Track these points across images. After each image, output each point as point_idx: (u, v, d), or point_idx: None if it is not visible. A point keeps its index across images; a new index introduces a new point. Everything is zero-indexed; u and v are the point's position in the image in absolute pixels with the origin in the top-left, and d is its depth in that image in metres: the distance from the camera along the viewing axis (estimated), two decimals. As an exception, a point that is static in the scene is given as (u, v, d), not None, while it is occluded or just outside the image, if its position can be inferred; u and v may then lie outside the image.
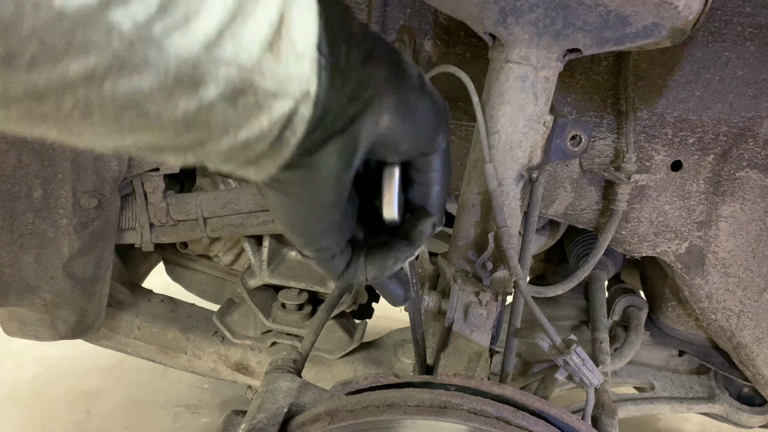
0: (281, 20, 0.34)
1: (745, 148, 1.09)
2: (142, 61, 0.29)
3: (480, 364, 0.89)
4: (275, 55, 0.34)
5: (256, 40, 0.33)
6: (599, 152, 1.14)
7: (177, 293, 1.62)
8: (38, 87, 0.28)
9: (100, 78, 0.29)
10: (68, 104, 0.29)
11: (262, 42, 0.33)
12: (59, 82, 0.28)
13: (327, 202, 0.45)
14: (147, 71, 0.30)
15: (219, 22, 0.31)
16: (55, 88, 0.28)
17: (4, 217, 1.16)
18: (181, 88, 0.31)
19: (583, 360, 0.81)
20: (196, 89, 0.32)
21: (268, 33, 0.33)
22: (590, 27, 0.78)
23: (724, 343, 1.26)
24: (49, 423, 1.97)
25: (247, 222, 1.32)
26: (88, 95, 0.29)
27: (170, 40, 0.29)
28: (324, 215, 0.46)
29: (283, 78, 0.35)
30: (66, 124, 0.30)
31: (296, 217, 0.46)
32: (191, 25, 0.30)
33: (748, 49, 1.03)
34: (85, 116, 0.30)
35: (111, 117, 0.31)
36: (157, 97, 0.31)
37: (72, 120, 0.30)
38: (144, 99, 0.31)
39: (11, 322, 1.36)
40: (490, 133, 0.90)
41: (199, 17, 0.30)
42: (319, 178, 0.42)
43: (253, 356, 1.48)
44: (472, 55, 1.14)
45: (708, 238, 1.16)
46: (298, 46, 0.35)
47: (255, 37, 0.33)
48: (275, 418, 0.67)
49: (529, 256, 1.06)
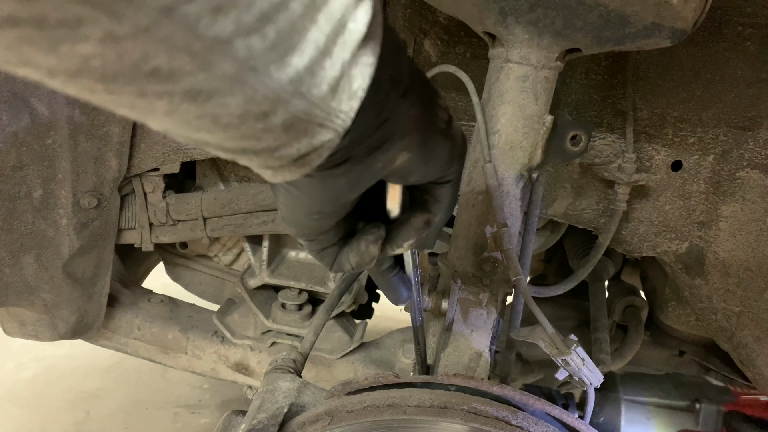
0: (350, 62, 0.36)
1: (745, 148, 1.09)
2: (239, 84, 0.31)
3: (480, 364, 0.89)
4: (333, 90, 0.36)
5: (328, 79, 0.35)
6: (599, 152, 1.14)
7: (177, 293, 1.62)
8: (145, 90, 0.30)
9: (199, 92, 0.31)
10: (161, 105, 0.31)
11: (331, 81, 0.35)
12: (163, 90, 0.30)
13: (326, 211, 0.47)
14: (239, 94, 0.32)
15: (309, 59, 0.33)
16: (157, 93, 0.30)
17: (4, 217, 1.16)
18: (258, 111, 0.34)
19: (583, 360, 0.80)
20: (269, 114, 0.34)
21: (338, 72, 0.35)
22: (590, 27, 0.78)
23: (724, 343, 1.26)
24: (49, 423, 1.97)
25: (247, 222, 1.32)
26: (181, 102, 0.31)
27: (267, 69, 0.32)
28: (319, 221, 0.48)
29: (333, 112, 0.37)
30: (149, 114, 0.33)
31: (294, 214, 0.48)
32: (287, 60, 0.32)
33: (748, 49, 1.03)
34: (168, 114, 0.32)
35: (189, 119, 0.33)
36: (234, 114, 0.33)
37: (155, 113, 0.32)
38: (223, 114, 0.33)
39: (11, 322, 1.36)
40: (490, 133, 0.90)
41: (294, 53, 0.32)
42: (324, 192, 0.44)
43: (253, 356, 1.47)
44: (472, 55, 1.14)
45: (708, 238, 1.16)
46: (354, 86, 0.37)
47: (329, 76, 0.35)
48: (275, 418, 0.67)
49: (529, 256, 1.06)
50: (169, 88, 0.30)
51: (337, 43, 0.34)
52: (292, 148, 0.38)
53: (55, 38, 0.26)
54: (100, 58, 0.27)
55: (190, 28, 0.28)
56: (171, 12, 0.27)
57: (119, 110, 0.33)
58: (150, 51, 0.28)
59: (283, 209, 0.48)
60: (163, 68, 0.29)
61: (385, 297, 0.64)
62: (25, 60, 0.27)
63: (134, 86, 0.29)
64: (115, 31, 0.26)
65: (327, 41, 0.33)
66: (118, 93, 0.30)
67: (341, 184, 0.43)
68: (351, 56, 0.36)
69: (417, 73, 0.45)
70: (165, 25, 0.27)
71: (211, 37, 0.28)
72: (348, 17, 0.34)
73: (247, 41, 0.30)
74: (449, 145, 0.49)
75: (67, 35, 0.26)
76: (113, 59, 0.27)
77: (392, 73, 0.41)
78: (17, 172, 1.15)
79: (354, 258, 0.52)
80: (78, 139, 1.15)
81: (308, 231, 0.50)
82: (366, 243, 0.52)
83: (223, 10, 0.28)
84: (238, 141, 0.36)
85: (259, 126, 0.35)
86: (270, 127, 0.35)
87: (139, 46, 0.27)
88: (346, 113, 0.38)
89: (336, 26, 0.34)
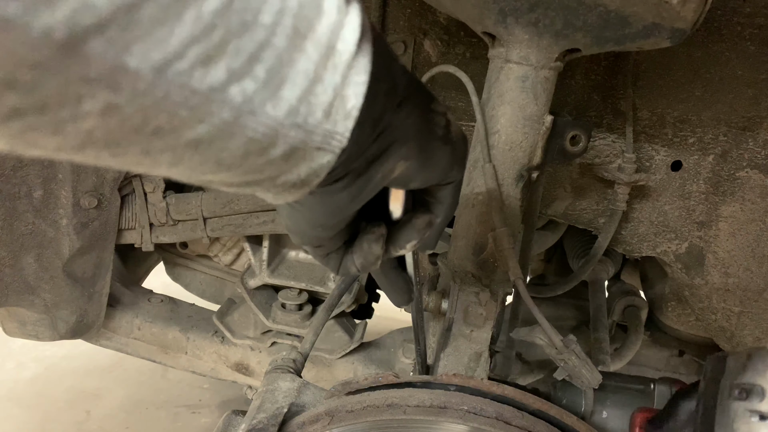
0: (342, 84, 0.36)
1: (745, 148, 1.09)
2: (239, 128, 0.32)
3: (480, 364, 0.89)
4: (327, 114, 0.36)
5: (321, 104, 0.35)
6: (599, 152, 1.14)
7: (177, 293, 1.62)
8: (149, 148, 0.30)
9: (200, 141, 0.31)
10: (165, 158, 0.32)
11: (325, 106, 0.35)
12: (166, 146, 0.31)
13: (328, 224, 0.47)
14: (239, 137, 0.32)
15: (301, 90, 0.33)
16: (160, 149, 0.31)
17: (4, 217, 1.16)
18: (258, 148, 0.34)
19: (582, 360, 0.81)
20: (268, 149, 0.34)
21: (331, 97, 0.35)
22: (590, 27, 0.78)
23: (724, 343, 1.26)
24: (49, 423, 1.97)
25: (247, 222, 1.32)
26: (183, 153, 0.32)
27: (263, 109, 0.32)
28: (323, 232, 0.48)
29: (329, 134, 0.37)
30: (154, 167, 0.33)
31: (298, 227, 0.48)
32: (279, 94, 0.32)
33: (748, 49, 1.03)
34: (172, 165, 0.33)
35: (193, 166, 0.34)
36: (236, 155, 0.34)
37: (161, 166, 0.33)
38: (226, 156, 0.33)
39: (11, 322, 1.36)
40: (490, 133, 0.90)
41: (286, 86, 0.32)
42: (326, 207, 0.45)
43: (253, 356, 1.47)
44: (472, 55, 1.14)
45: (708, 238, 1.16)
46: (348, 105, 0.37)
47: (321, 101, 0.35)
48: (275, 418, 0.67)
49: (529, 256, 1.06)
50: (171, 143, 0.30)
51: (327, 68, 0.34)
52: (292, 175, 0.38)
53: (58, 120, 0.26)
54: (102, 128, 0.27)
55: (184, 83, 0.28)
56: (163, 72, 0.27)
57: (125, 168, 0.33)
58: (150, 113, 0.28)
59: (287, 221, 0.48)
60: (164, 126, 0.29)
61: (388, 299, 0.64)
62: (32, 144, 0.27)
63: (138, 147, 0.30)
64: (114, 101, 0.26)
65: (317, 68, 0.33)
66: (122, 155, 0.30)
67: (342, 197, 0.44)
68: (342, 78, 0.35)
69: (412, 81, 0.45)
70: (160, 85, 0.27)
71: (206, 89, 0.29)
72: (335, 39, 0.34)
73: (241, 86, 0.30)
74: (449, 150, 0.49)
75: (69, 115, 0.26)
76: (116, 127, 0.28)
77: (386, 86, 0.40)
78: (17, 172, 1.15)
79: (358, 259, 0.52)
80: (78, 139, 1.15)
81: (313, 240, 0.50)
82: (368, 242, 0.52)
83: (213, 60, 0.28)
84: (241, 176, 0.37)
85: (261, 161, 0.35)
86: (271, 159, 0.35)
87: (139, 111, 0.27)
88: (342, 134, 0.37)
89: (324, 51, 0.33)
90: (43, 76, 0.24)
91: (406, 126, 0.43)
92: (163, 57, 0.26)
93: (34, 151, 0.28)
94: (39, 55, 0.23)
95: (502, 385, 0.66)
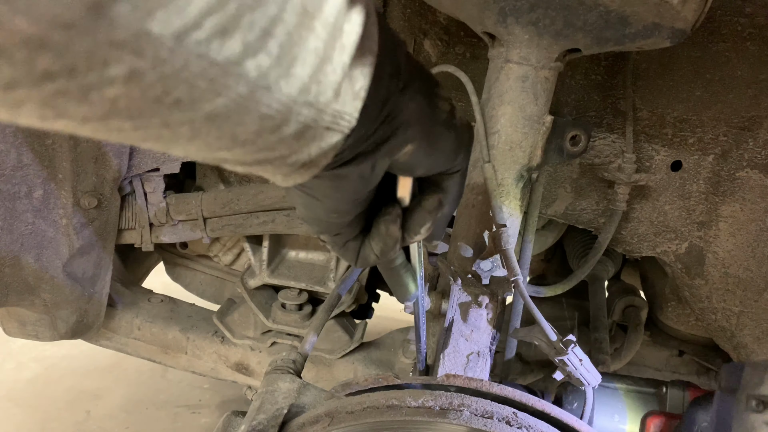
0: (350, 64, 0.36)
1: (745, 148, 1.09)
2: (255, 103, 0.33)
3: (480, 365, 0.89)
4: (337, 94, 0.37)
5: (331, 84, 0.36)
6: (599, 152, 1.14)
7: (177, 293, 1.62)
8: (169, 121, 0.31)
9: (218, 115, 0.32)
10: (184, 132, 0.32)
11: (334, 86, 0.36)
12: (186, 119, 0.31)
13: (342, 208, 0.48)
14: (254, 112, 0.33)
15: (312, 68, 0.34)
16: (180, 122, 0.32)
17: (4, 217, 1.16)
18: (272, 125, 0.35)
19: (581, 360, 0.81)
20: (281, 126, 0.35)
21: (340, 77, 0.36)
22: (590, 27, 0.78)
23: (724, 344, 1.26)
24: (49, 423, 1.97)
25: (247, 222, 1.32)
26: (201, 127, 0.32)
27: (277, 85, 0.33)
28: (338, 218, 0.49)
29: (338, 114, 0.38)
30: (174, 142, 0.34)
31: (313, 214, 0.49)
32: (292, 72, 0.33)
33: (748, 49, 1.03)
34: (190, 140, 0.33)
35: (210, 141, 0.34)
36: (250, 130, 0.34)
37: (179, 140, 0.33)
38: (241, 131, 0.34)
39: (11, 322, 1.36)
40: (489, 133, 0.90)
41: (297, 64, 0.33)
42: (337, 190, 0.45)
43: (253, 356, 1.47)
44: (472, 55, 1.14)
45: (708, 238, 1.16)
46: (356, 86, 0.38)
47: (331, 80, 0.36)
48: (275, 420, 0.67)
49: (529, 256, 1.06)
50: (190, 115, 0.31)
51: (336, 48, 0.35)
52: (302, 154, 0.39)
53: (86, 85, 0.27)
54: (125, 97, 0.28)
55: (202, 53, 0.29)
56: (182, 39, 0.28)
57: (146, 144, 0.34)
58: (170, 83, 0.29)
59: (301, 210, 0.49)
60: (183, 98, 0.30)
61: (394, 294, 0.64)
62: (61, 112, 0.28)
63: (159, 119, 0.31)
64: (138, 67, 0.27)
65: (326, 47, 0.34)
66: (144, 128, 0.31)
67: (351, 181, 0.44)
68: (350, 59, 0.36)
69: (416, 66, 0.46)
70: (180, 54, 0.28)
71: (223, 61, 0.30)
72: (342, 20, 0.35)
73: (256, 60, 0.31)
74: (453, 136, 0.49)
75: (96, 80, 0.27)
76: (138, 96, 0.29)
77: (391, 69, 0.41)
78: (17, 172, 1.15)
79: (377, 245, 0.52)
80: (78, 139, 1.15)
81: (328, 228, 0.50)
82: (386, 224, 0.52)
83: (229, 32, 0.29)
84: (254, 154, 0.37)
85: (274, 138, 0.36)
86: (283, 137, 0.36)
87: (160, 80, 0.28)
88: (351, 114, 0.38)
89: (332, 30, 0.34)
90: (74, 37, 0.25)
91: (411, 109, 0.44)
92: (182, 24, 0.27)
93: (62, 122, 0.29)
94: (71, 15, 0.24)
95: (502, 386, 0.65)
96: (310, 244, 1.44)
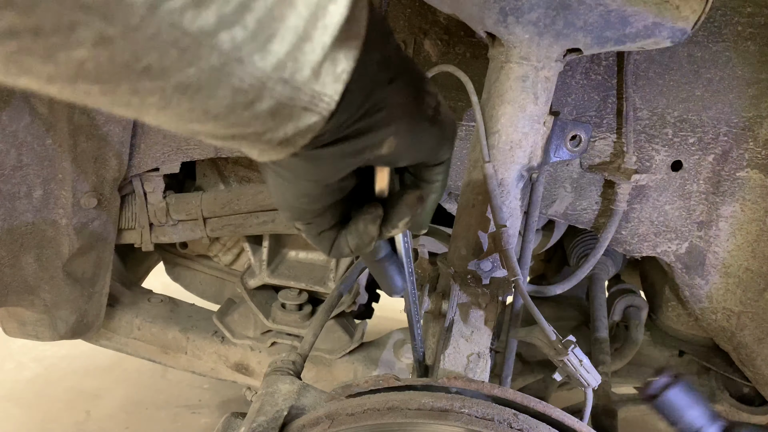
0: (332, 46, 0.36)
1: (745, 148, 1.09)
2: (226, 76, 0.32)
3: (480, 365, 0.88)
4: (316, 74, 0.36)
5: (310, 62, 0.35)
6: (599, 152, 1.14)
7: (177, 293, 1.62)
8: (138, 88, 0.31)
9: (188, 86, 0.32)
10: (153, 101, 0.32)
11: (313, 64, 0.36)
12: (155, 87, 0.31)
13: (313, 193, 0.47)
14: (226, 86, 0.33)
15: (290, 45, 0.34)
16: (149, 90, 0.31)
17: (4, 217, 1.16)
18: (245, 101, 0.35)
19: (581, 361, 0.80)
20: (255, 102, 0.35)
21: (320, 56, 0.36)
22: (591, 27, 0.78)
23: (724, 343, 1.26)
24: (49, 423, 1.97)
25: (247, 222, 1.32)
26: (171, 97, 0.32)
27: (251, 59, 0.33)
28: (308, 203, 0.49)
29: (317, 95, 0.37)
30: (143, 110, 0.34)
31: (284, 198, 0.48)
32: (268, 47, 0.33)
33: (749, 49, 1.03)
34: (161, 109, 0.33)
35: (181, 112, 0.34)
36: (222, 104, 0.34)
37: (149, 109, 0.33)
38: (212, 105, 0.34)
39: (11, 322, 1.36)
40: (489, 133, 0.90)
41: (275, 41, 0.33)
42: (309, 173, 0.45)
43: (253, 356, 1.47)
44: (472, 55, 1.13)
45: (708, 238, 1.16)
46: (338, 68, 0.37)
47: (310, 59, 0.35)
48: (275, 421, 0.67)
49: (529, 256, 1.06)
50: (160, 84, 0.31)
51: (318, 27, 0.35)
52: (278, 132, 0.39)
53: (51, 45, 0.27)
54: (93, 60, 0.28)
55: (175, 22, 0.28)
56: (156, 8, 0.27)
57: (114, 109, 0.34)
58: (140, 49, 0.29)
59: (273, 192, 0.49)
60: (154, 65, 0.30)
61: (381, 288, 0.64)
62: (25, 69, 0.28)
63: (127, 85, 0.30)
64: (107, 33, 0.27)
65: (306, 25, 0.34)
66: (111, 93, 0.31)
67: (326, 165, 0.44)
68: (332, 39, 0.36)
69: (405, 59, 0.45)
70: (152, 22, 0.28)
71: (196, 31, 0.29)
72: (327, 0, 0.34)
73: (231, 33, 0.31)
74: (437, 131, 0.49)
75: (62, 42, 0.27)
76: (106, 61, 0.28)
77: (379, 57, 0.41)
78: (17, 172, 1.15)
79: (353, 240, 0.52)
80: (78, 139, 1.15)
81: (300, 214, 0.50)
82: (364, 223, 0.52)
83: (204, 3, 0.29)
84: (227, 129, 0.37)
85: (247, 114, 0.36)
86: (257, 114, 0.36)
87: (130, 46, 0.28)
88: (330, 96, 0.38)
89: (315, 10, 0.34)
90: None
91: (397, 102, 0.44)
92: None
93: (26, 79, 0.29)
94: None
95: (503, 387, 0.65)
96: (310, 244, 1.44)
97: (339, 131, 0.41)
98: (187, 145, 1.24)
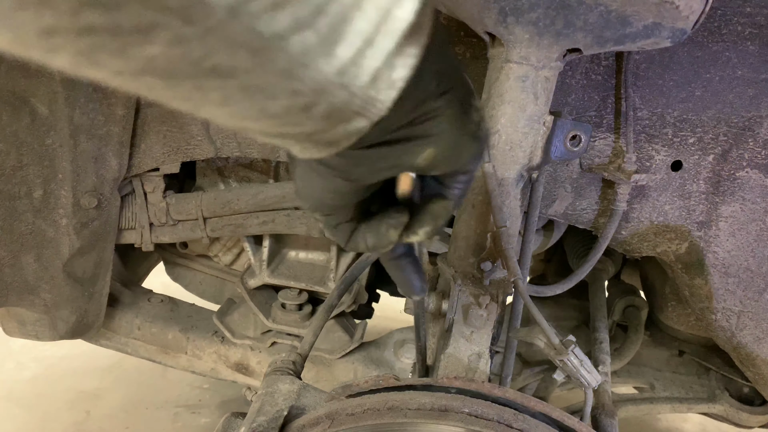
0: (393, 52, 0.35)
1: (745, 148, 1.09)
2: (290, 79, 0.32)
3: (480, 365, 0.88)
4: (374, 80, 0.35)
5: (370, 69, 0.35)
6: (599, 152, 1.14)
7: (177, 293, 1.62)
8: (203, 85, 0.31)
9: (251, 87, 0.32)
10: (215, 97, 0.32)
11: (372, 71, 0.35)
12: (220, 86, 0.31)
13: (342, 190, 0.47)
14: (288, 88, 0.33)
15: (355, 50, 0.33)
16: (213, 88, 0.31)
17: (4, 217, 1.16)
18: (303, 103, 0.34)
19: (581, 360, 0.80)
20: (312, 105, 0.35)
21: (380, 63, 0.35)
22: (591, 27, 0.78)
23: (724, 343, 1.26)
24: (49, 423, 1.97)
25: (247, 222, 1.32)
26: (233, 96, 0.32)
27: (316, 63, 0.32)
28: (334, 199, 0.48)
29: (370, 100, 0.37)
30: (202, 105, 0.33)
31: (311, 189, 0.48)
32: (334, 52, 0.32)
33: (748, 49, 1.03)
34: (219, 106, 0.33)
35: (239, 110, 0.34)
36: (281, 105, 0.34)
37: (209, 104, 0.33)
38: (271, 105, 0.34)
39: (11, 322, 1.36)
40: (490, 133, 0.90)
41: (341, 44, 0.32)
42: (344, 173, 0.44)
43: (253, 356, 1.47)
44: (472, 55, 1.13)
45: (708, 238, 1.16)
46: (394, 75, 0.36)
47: (370, 66, 0.34)
48: (275, 421, 0.66)
49: (529, 256, 1.06)
50: (225, 83, 0.31)
51: (381, 32, 0.34)
52: (327, 134, 0.38)
53: (126, 43, 0.27)
54: (164, 57, 0.28)
55: (252, 26, 0.28)
56: (236, 11, 0.27)
57: (173, 102, 0.33)
58: (212, 49, 0.28)
59: (299, 182, 0.48)
60: (222, 65, 0.30)
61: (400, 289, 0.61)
62: (94, 63, 0.28)
63: (193, 82, 0.30)
64: (184, 33, 0.27)
65: (372, 30, 0.33)
66: (175, 87, 0.31)
67: (365, 167, 0.44)
68: (395, 46, 0.35)
69: (459, 72, 0.45)
70: (230, 25, 0.28)
71: (270, 34, 0.29)
72: (394, 5, 0.34)
73: (302, 36, 0.30)
74: (476, 146, 0.48)
75: (138, 40, 0.26)
76: (177, 58, 0.28)
77: (437, 68, 0.40)
78: (17, 172, 1.15)
79: (372, 239, 0.52)
80: (78, 139, 1.15)
81: (322, 207, 0.50)
82: (387, 227, 0.51)
83: (281, 5, 0.28)
84: (279, 127, 0.37)
85: (303, 115, 0.36)
86: (312, 115, 0.36)
87: (203, 46, 0.28)
88: (383, 102, 0.37)
89: (382, 14, 0.33)
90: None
91: (445, 116, 0.43)
92: None
93: (94, 71, 0.29)
94: None
95: (503, 387, 0.65)
96: (311, 244, 1.44)
97: (383, 135, 0.41)
98: (187, 145, 1.24)
